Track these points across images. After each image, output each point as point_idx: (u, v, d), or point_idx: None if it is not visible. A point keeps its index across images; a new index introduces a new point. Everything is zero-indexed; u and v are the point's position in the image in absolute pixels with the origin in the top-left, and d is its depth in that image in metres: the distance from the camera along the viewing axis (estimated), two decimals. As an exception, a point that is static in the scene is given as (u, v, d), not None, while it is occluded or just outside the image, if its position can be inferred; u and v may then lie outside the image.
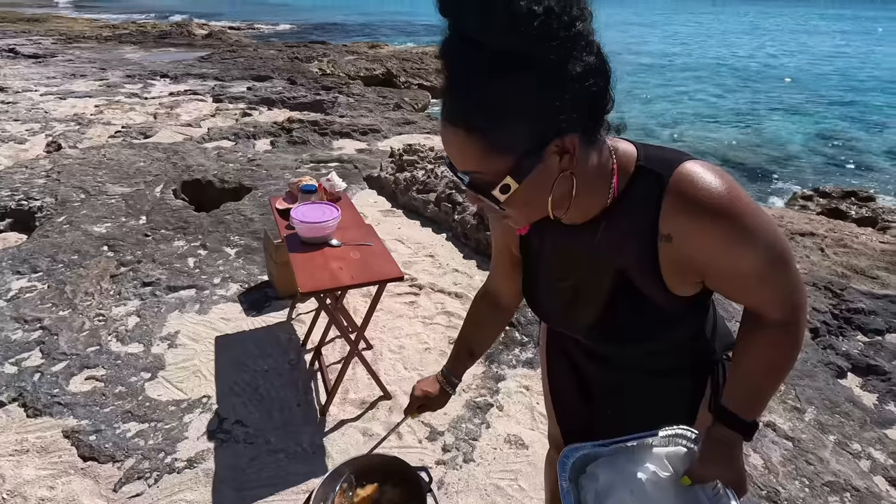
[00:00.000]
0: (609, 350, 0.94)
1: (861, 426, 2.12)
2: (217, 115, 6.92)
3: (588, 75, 0.61)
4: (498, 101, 0.60)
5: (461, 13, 0.60)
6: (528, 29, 0.57)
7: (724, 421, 0.81)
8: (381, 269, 1.88)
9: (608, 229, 0.76)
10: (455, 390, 1.09)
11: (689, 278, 0.77)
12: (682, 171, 0.70)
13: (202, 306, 2.77)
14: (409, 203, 4.05)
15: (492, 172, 0.65)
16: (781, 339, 0.79)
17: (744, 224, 0.69)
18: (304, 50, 13.32)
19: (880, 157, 8.89)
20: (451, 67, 0.63)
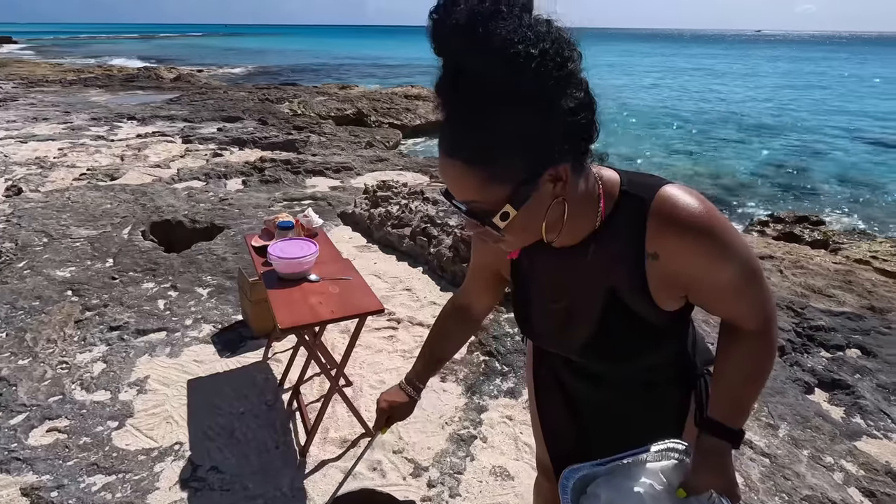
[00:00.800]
0: (601, 368, 0.96)
1: (832, 439, 2.19)
2: (187, 155, 6.87)
3: (578, 110, 0.66)
4: (496, 137, 0.64)
5: (460, 54, 0.63)
6: (525, 70, 0.61)
7: (711, 431, 0.85)
8: (360, 302, 1.88)
9: (597, 250, 0.80)
10: (420, 395, 1.11)
11: (674, 293, 0.81)
12: (663, 194, 0.76)
13: (173, 349, 2.68)
14: (384, 238, 4.08)
15: (490, 201, 0.69)
16: (758, 348, 0.84)
17: (723, 241, 0.74)
18: (274, 91, 13.48)
19: (824, 182, 9.50)
20: (450, 104, 0.67)
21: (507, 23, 0.61)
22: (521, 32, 0.61)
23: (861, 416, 2.38)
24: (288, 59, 38.50)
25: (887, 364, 2.76)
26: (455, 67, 0.65)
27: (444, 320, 1.13)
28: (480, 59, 0.62)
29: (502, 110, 0.63)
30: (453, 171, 0.68)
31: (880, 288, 3.80)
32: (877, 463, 2.08)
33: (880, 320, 3.20)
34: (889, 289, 3.83)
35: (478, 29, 0.62)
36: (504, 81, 0.62)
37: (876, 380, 2.63)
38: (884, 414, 2.39)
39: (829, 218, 7.22)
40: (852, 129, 14.58)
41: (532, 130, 0.64)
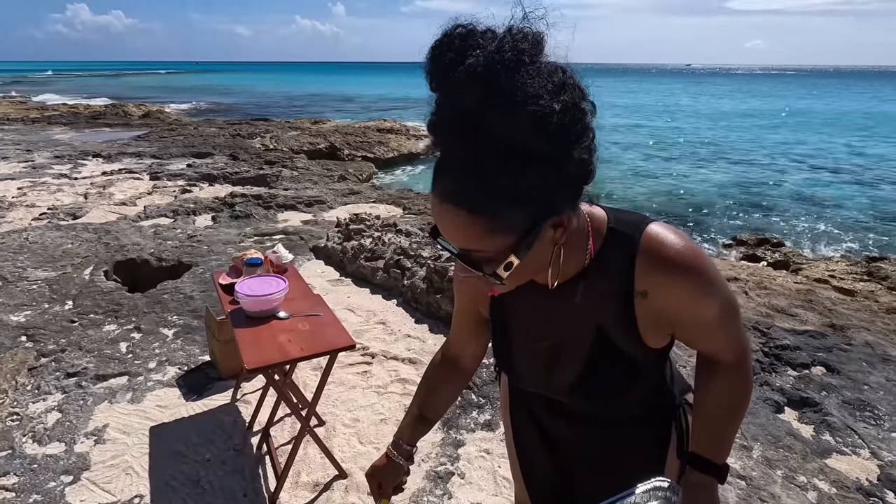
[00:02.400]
0: (584, 407, 0.94)
1: (804, 458, 2.22)
2: (154, 192, 6.74)
3: (587, 157, 0.65)
4: (507, 191, 0.61)
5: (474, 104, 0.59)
6: (546, 127, 0.58)
7: (697, 467, 0.85)
8: (331, 338, 1.84)
9: (587, 289, 0.80)
10: (412, 459, 1.04)
11: (662, 330, 0.82)
12: (649, 233, 0.77)
13: (135, 394, 2.56)
14: (357, 271, 4.04)
15: (492, 251, 0.66)
16: (735, 380, 0.86)
17: (707, 278, 0.76)
18: (246, 127, 13.47)
19: (781, 205, 9.95)
20: (453, 148, 0.63)
21: (530, 77, 0.58)
22: (543, 86, 0.58)
23: (830, 433, 2.43)
24: (260, 95, 38.70)
25: (850, 380, 2.84)
26: (464, 114, 0.60)
27: (433, 375, 1.07)
28: (499, 114, 0.58)
29: (516, 166, 0.60)
30: (454, 218, 0.64)
31: (839, 306, 3.96)
32: (848, 480, 2.11)
33: (841, 337, 3.31)
34: (847, 306, 3.99)
35: (499, 82, 0.58)
36: (523, 139, 0.59)
37: (841, 396, 2.71)
38: (850, 430, 2.44)
39: (788, 241, 7.54)
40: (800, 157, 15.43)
41: (544, 185, 0.62)
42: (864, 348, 3.17)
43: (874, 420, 2.54)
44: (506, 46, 0.58)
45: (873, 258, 6.02)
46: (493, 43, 0.59)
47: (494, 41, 0.59)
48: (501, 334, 0.94)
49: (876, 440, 2.38)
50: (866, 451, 2.31)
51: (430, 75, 0.63)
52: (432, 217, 0.70)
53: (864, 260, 6.01)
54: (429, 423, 1.05)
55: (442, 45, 0.62)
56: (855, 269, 5.50)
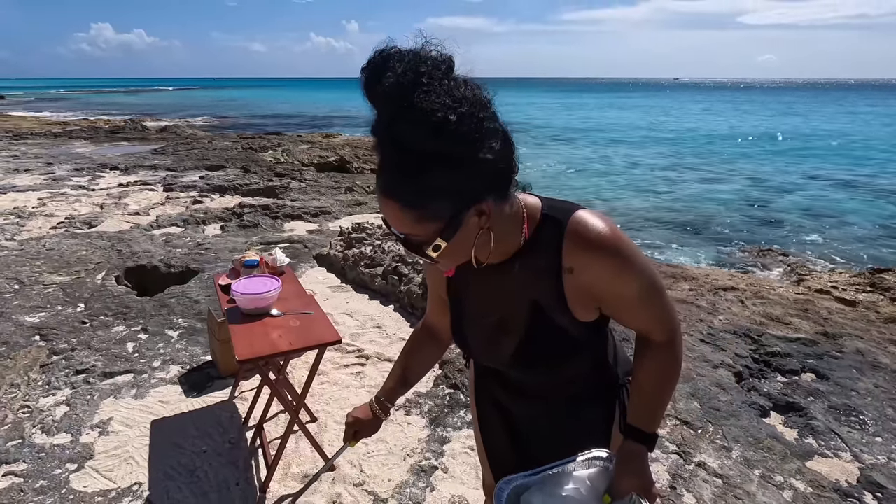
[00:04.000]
0: (529, 378, 1.04)
1: (783, 459, 2.25)
2: (167, 203, 6.97)
3: (497, 157, 0.75)
4: (425, 187, 0.74)
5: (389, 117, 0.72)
6: (446, 134, 0.70)
7: (630, 436, 0.95)
8: (320, 334, 1.95)
9: (522, 267, 0.90)
10: (388, 414, 1.17)
11: (588, 304, 0.92)
12: (576, 217, 0.87)
13: (139, 391, 2.68)
14: (357, 278, 4.16)
15: (423, 235, 0.79)
16: (665, 358, 0.95)
17: (625, 257, 0.86)
18: (258, 140, 13.81)
19: (788, 216, 9.90)
20: (384, 150, 0.75)
21: (427, 95, 0.69)
22: (441, 101, 0.69)
23: (813, 436, 2.46)
24: (274, 109, 39.50)
25: (839, 386, 2.86)
26: (382, 125, 0.73)
27: (414, 341, 1.21)
28: (406, 125, 0.70)
29: (429, 166, 0.72)
30: (389, 209, 0.78)
31: (836, 315, 3.97)
32: (825, 480, 2.14)
33: (833, 345, 3.33)
34: (844, 315, 4.00)
35: (403, 101, 0.70)
36: (429, 144, 0.70)
37: (828, 401, 2.73)
38: (834, 434, 2.47)
39: (794, 249, 7.51)
40: (809, 168, 15.34)
41: (456, 180, 0.74)
42: (854, 356, 3.19)
43: (859, 425, 2.56)
44: (407, 70, 0.71)
45: (878, 270, 5.98)
46: (401, 66, 0.72)
47: (402, 64, 0.72)
48: (456, 312, 1.05)
49: (859, 444, 2.40)
50: (848, 454, 2.33)
51: (363, 90, 0.77)
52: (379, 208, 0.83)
53: (868, 271, 5.98)
54: (409, 385, 1.19)
55: (367, 66, 0.76)
56: (858, 280, 5.47)
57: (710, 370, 2.96)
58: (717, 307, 3.91)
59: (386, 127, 0.73)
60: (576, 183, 13.12)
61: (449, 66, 0.74)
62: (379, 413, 1.15)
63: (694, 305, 3.90)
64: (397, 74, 0.71)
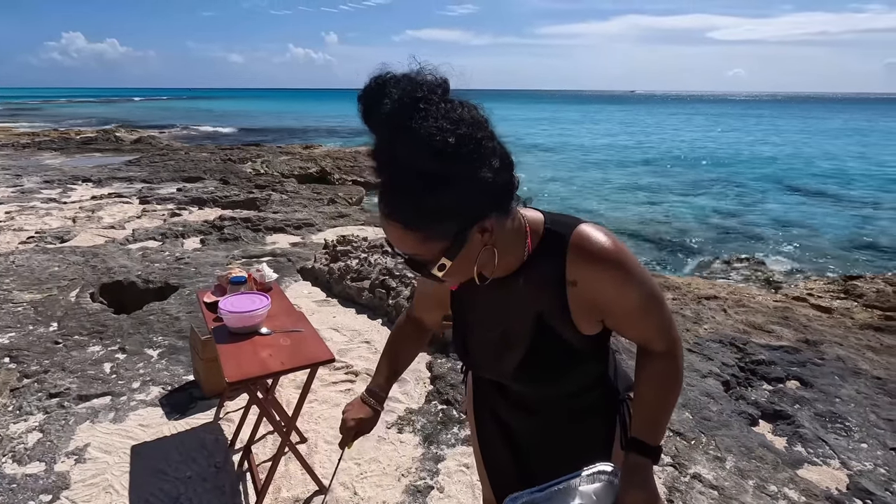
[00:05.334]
0: (531, 392, 1.03)
1: (775, 468, 2.27)
2: (143, 216, 6.78)
3: (497, 175, 0.76)
4: (427, 208, 0.74)
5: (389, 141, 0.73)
6: (446, 156, 0.70)
7: (634, 449, 0.94)
8: (311, 352, 1.89)
9: (527, 280, 0.91)
10: (383, 405, 1.16)
11: (591, 317, 0.92)
12: (579, 231, 0.88)
13: (117, 414, 2.56)
14: (343, 291, 4.09)
15: (427, 255, 0.79)
16: (666, 368, 0.95)
17: (626, 269, 0.87)
18: (237, 152, 13.62)
19: (762, 226, 10.19)
20: (385, 173, 0.76)
21: (425, 119, 0.70)
22: (439, 125, 0.70)
23: (801, 444, 2.49)
24: (252, 120, 39.09)
25: (822, 393, 2.92)
26: (382, 149, 0.74)
27: (400, 333, 1.21)
28: (407, 150, 0.71)
29: (431, 188, 0.72)
30: (393, 231, 0.78)
31: (815, 322, 4.06)
32: (817, 489, 2.17)
33: (814, 352, 3.40)
34: (822, 322, 4.10)
35: (402, 125, 0.71)
36: (429, 166, 0.71)
37: (813, 409, 2.78)
38: (822, 441, 2.51)
39: (769, 258, 7.71)
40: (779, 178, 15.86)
41: (458, 200, 0.74)
42: (836, 362, 3.26)
43: (845, 432, 2.60)
44: (404, 95, 0.72)
45: (850, 277, 6.18)
46: (398, 92, 0.72)
47: (398, 90, 0.73)
48: (459, 326, 1.05)
49: (846, 451, 2.44)
50: (836, 462, 2.37)
51: (360, 116, 0.77)
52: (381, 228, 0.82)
53: (841, 278, 6.17)
54: (398, 374, 1.19)
55: (363, 93, 0.76)
56: (832, 288, 5.64)
57: (700, 380, 2.99)
58: (701, 316, 3.97)
59: (386, 151, 0.73)
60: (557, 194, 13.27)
61: (445, 88, 0.75)
62: (376, 406, 1.13)
63: (679, 315, 3.95)
64: (394, 100, 0.72)
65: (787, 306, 4.55)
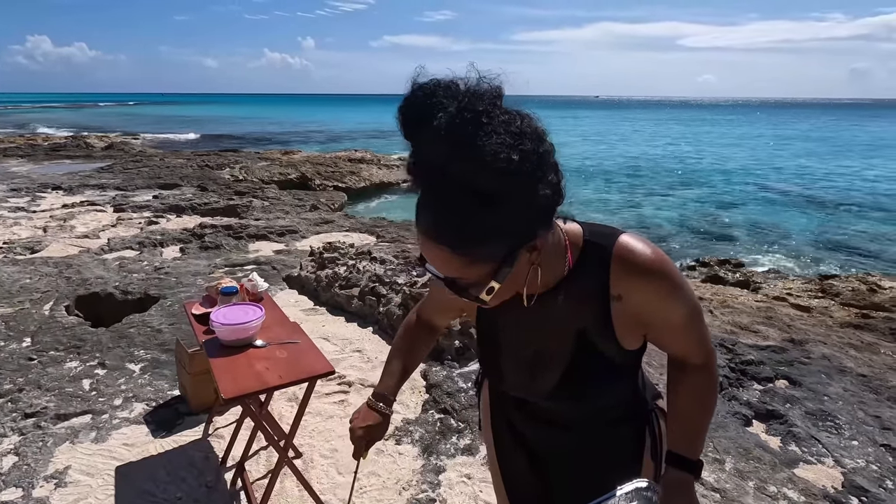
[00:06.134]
0: (565, 410, 0.99)
1: (773, 468, 2.29)
2: (119, 224, 6.56)
3: (552, 191, 0.70)
4: (483, 232, 0.68)
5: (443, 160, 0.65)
6: (509, 175, 0.64)
7: (674, 464, 0.90)
8: (310, 365, 1.83)
9: (568, 296, 0.86)
10: (392, 408, 1.10)
11: (636, 331, 0.88)
12: (621, 243, 0.84)
13: (99, 433, 2.44)
14: (332, 300, 4.01)
15: (474, 277, 0.73)
16: (704, 380, 0.93)
17: (673, 282, 0.83)
18: (214, 158, 13.35)
19: (739, 228, 10.44)
20: (430, 190, 0.69)
21: (490, 136, 0.64)
22: (502, 140, 0.64)
23: (795, 443, 2.52)
24: (228, 126, 38.43)
25: (811, 392, 2.97)
26: (435, 167, 0.66)
27: (411, 335, 1.15)
28: (467, 168, 0.64)
29: (489, 209, 0.66)
30: (437, 253, 0.71)
31: (797, 322, 4.15)
32: (815, 488, 2.19)
33: (800, 351, 3.47)
34: (804, 321, 4.19)
35: (464, 142, 0.64)
36: (491, 186, 0.65)
37: (804, 407, 2.82)
38: (814, 440, 2.55)
39: (746, 259, 7.89)
40: (754, 180, 16.31)
41: (515, 220, 0.69)
42: (822, 361, 3.33)
43: (835, 429, 2.65)
44: (465, 108, 0.65)
45: (826, 276, 6.36)
46: (454, 104, 0.66)
47: (455, 101, 0.66)
48: (489, 342, 0.99)
49: (838, 448, 2.48)
50: (830, 460, 2.40)
51: (402, 128, 0.70)
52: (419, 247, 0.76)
53: (818, 278, 6.34)
54: (408, 374, 1.13)
55: (408, 103, 0.69)
56: (810, 287, 5.79)
57: (693, 382, 3.00)
58: (689, 318, 4.01)
59: (440, 170, 0.66)
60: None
61: (500, 97, 0.69)
62: (385, 410, 1.07)
63: (668, 317, 3.98)
64: (452, 114, 0.65)
65: (770, 306, 4.64)
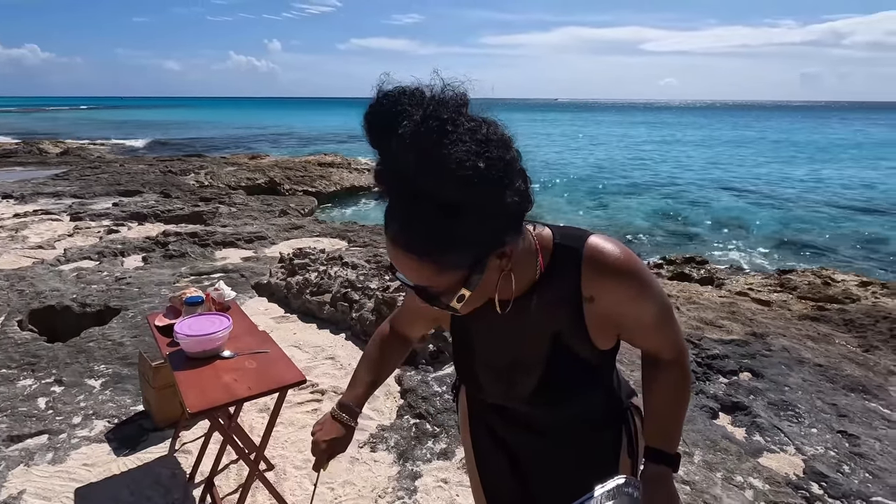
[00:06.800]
0: (543, 413, 0.99)
1: (739, 459, 2.37)
2: (76, 234, 6.28)
3: (520, 197, 0.70)
4: (450, 240, 0.67)
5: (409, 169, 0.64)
6: (474, 184, 0.64)
7: (653, 459, 0.92)
8: (280, 374, 1.79)
9: (540, 300, 0.86)
10: (357, 421, 1.07)
11: (608, 331, 0.89)
12: (591, 244, 0.84)
13: (57, 454, 2.32)
14: (303, 307, 3.94)
15: (444, 286, 0.73)
16: (677, 375, 0.95)
17: (643, 281, 0.85)
18: (178, 163, 12.96)
19: (702, 227, 10.79)
20: (397, 199, 0.68)
21: (455, 144, 0.63)
22: (468, 148, 0.63)
23: (759, 433, 2.61)
24: (191, 131, 37.37)
25: (773, 383, 3.09)
26: (401, 176, 0.66)
27: (383, 345, 1.13)
28: (431, 178, 0.64)
29: (455, 217, 0.65)
30: (406, 262, 0.71)
31: (758, 315, 4.31)
32: (778, 476, 2.27)
33: (762, 344, 3.60)
34: (765, 315, 4.36)
35: (428, 151, 0.63)
36: (456, 195, 0.64)
37: (766, 398, 2.93)
38: (777, 429, 2.64)
39: (710, 256, 8.16)
40: (715, 181, 16.91)
41: (482, 229, 0.68)
42: (782, 353, 3.46)
43: (796, 418, 2.76)
44: (429, 116, 0.64)
45: (783, 271, 6.64)
46: (419, 111, 0.65)
47: (420, 108, 0.65)
48: (464, 350, 0.99)
49: (799, 437, 2.59)
50: (792, 448, 2.50)
51: (367, 135, 0.69)
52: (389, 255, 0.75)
53: (776, 273, 6.61)
54: (377, 385, 1.11)
55: (374, 111, 0.69)
56: (769, 282, 6.03)
57: (662, 377, 3.08)
58: (657, 315, 4.12)
59: (407, 178, 0.65)
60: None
61: (466, 105, 0.68)
62: (349, 421, 1.04)
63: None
64: (417, 122, 0.64)
65: (733, 301, 4.81)
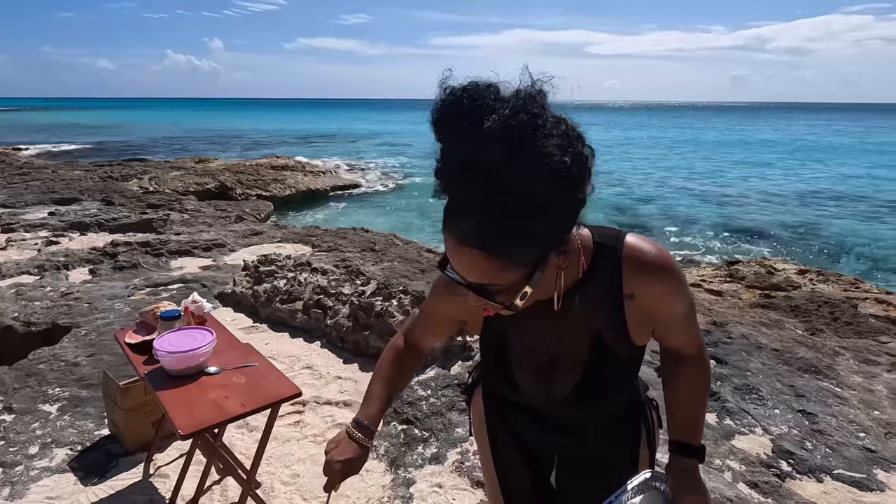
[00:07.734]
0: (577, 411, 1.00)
1: (715, 443, 2.49)
2: (9, 247, 5.79)
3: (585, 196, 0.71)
4: (522, 235, 0.67)
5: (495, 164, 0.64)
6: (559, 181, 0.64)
7: (679, 452, 0.95)
8: (273, 388, 1.71)
9: (583, 299, 0.87)
10: (373, 441, 1.04)
11: (646, 328, 0.92)
12: (629, 243, 0.87)
13: (14, 489, 2.13)
14: (273, 315, 3.81)
15: (506, 283, 0.72)
16: (699, 370, 0.99)
17: (678, 277, 0.88)
18: (118, 168, 12.21)
19: (655, 221, 11.30)
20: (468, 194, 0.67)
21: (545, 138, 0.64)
22: (557, 143, 0.64)
23: (730, 417, 2.76)
24: (131, 133, 35.29)
25: (737, 369, 3.27)
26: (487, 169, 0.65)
27: (398, 359, 1.10)
28: (525, 171, 0.63)
29: (531, 214, 0.66)
30: (471, 258, 0.70)
31: (715, 305, 4.56)
32: (752, 456, 2.41)
33: (722, 332, 3.81)
34: (720, 304, 4.62)
35: (520, 146, 0.63)
36: (542, 189, 0.65)
37: (732, 384, 3.10)
38: (744, 412, 2.80)
39: (700, 256, 8.56)
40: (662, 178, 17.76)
41: (556, 224, 0.70)
42: (741, 340, 3.68)
43: (760, 401, 2.94)
44: (520, 110, 0.64)
45: (732, 262, 7.05)
46: (506, 106, 0.65)
47: (506, 104, 0.65)
48: (498, 353, 0.98)
49: (765, 418, 2.75)
50: (759, 429, 2.66)
51: (440, 130, 0.68)
52: (447, 253, 0.73)
53: (725, 264, 7.01)
54: (392, 402, 1.10)
55: (451, 106, 0.67)
56: (720, 273, 6.38)
57: (636, 369, 3.20)
58: (625, 309, 4.27)
59: (491, 172, 0.64)
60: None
61: (546, 103, 0.68)
62: (365, 441, 1.01)
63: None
64: (507, 116, 0.63)
65: (690, 293, 5.06)
